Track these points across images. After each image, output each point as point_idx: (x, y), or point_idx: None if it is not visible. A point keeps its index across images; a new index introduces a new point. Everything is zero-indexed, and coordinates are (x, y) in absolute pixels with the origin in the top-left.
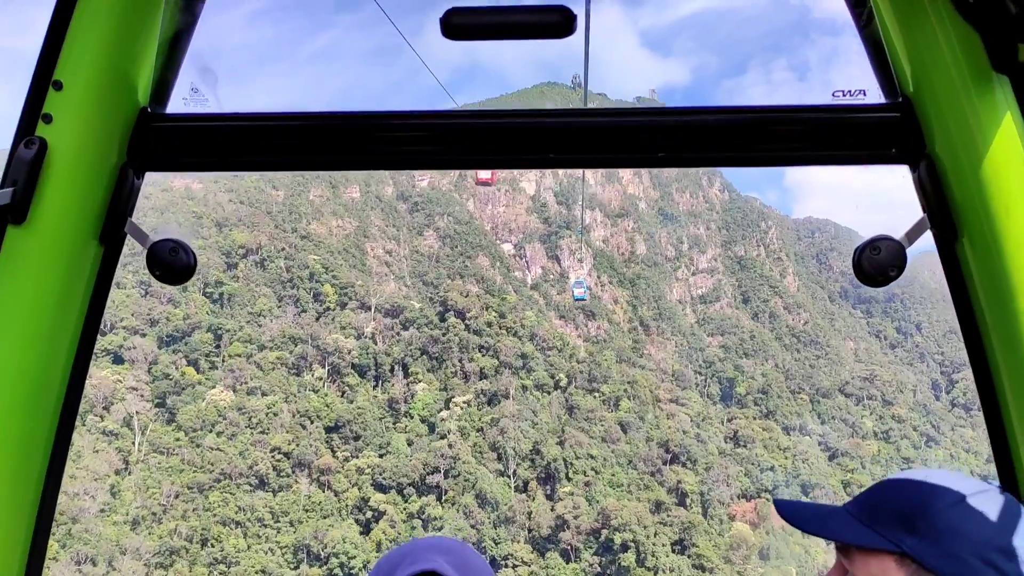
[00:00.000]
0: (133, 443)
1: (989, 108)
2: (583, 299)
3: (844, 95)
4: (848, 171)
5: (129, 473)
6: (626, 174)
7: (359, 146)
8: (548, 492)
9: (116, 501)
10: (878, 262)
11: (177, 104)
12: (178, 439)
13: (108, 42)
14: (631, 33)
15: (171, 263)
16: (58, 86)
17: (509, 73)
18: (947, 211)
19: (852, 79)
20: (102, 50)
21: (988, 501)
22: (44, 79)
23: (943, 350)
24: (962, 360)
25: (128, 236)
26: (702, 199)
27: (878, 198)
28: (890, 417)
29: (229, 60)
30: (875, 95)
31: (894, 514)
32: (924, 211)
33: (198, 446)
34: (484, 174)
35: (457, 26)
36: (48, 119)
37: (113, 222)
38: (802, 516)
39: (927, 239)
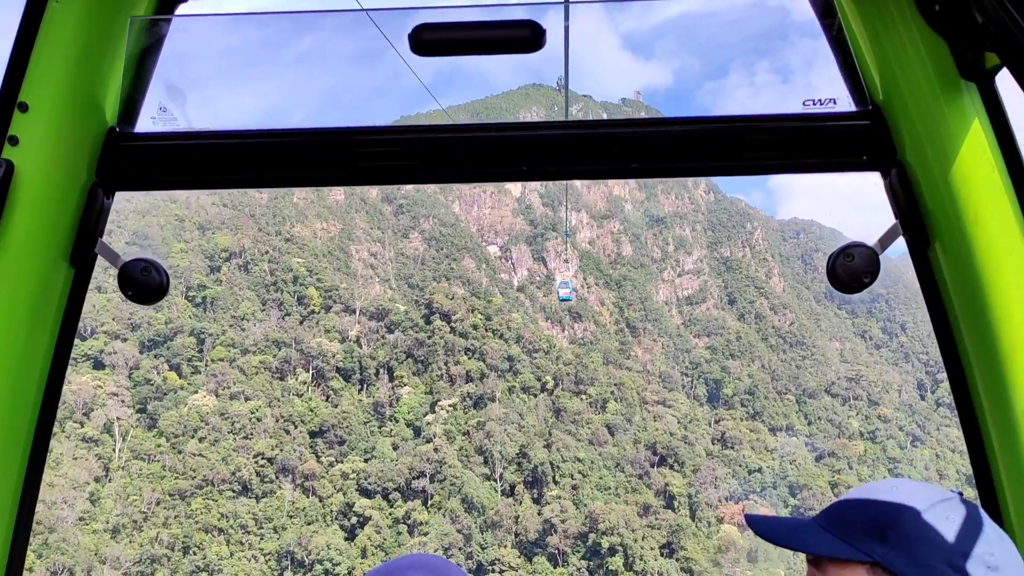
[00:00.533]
0: (114, 449)
1: (958, 115)
2: (569, 299)
3: (815, 104)
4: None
5: (109, 480)
6: None
7: (334, 162)
8: (535, 496)
9: (96, 509)
10: (852, 269)
11: (146, 123)
12: (159, 445)
13: (74, 62)
14: (614, 35)
15: (143, 283)
16: (24, 108)
17: (493, 75)
18: (919, 217)
19: (826, 84)
20: (68, 70)
21: (952, 510)
22: (9, 101)
23: (928, 350)
24: None
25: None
26: (687, 200)
27: (861, 200)
28: (876, 417)
29: (198, 79)
30: (845, 103)
31: (864, 525)
32: (896, 217)
33: (180, 452)
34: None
35: (425, 42)
36: (14, 141)
37: (83, 243)
38: (775, 531)
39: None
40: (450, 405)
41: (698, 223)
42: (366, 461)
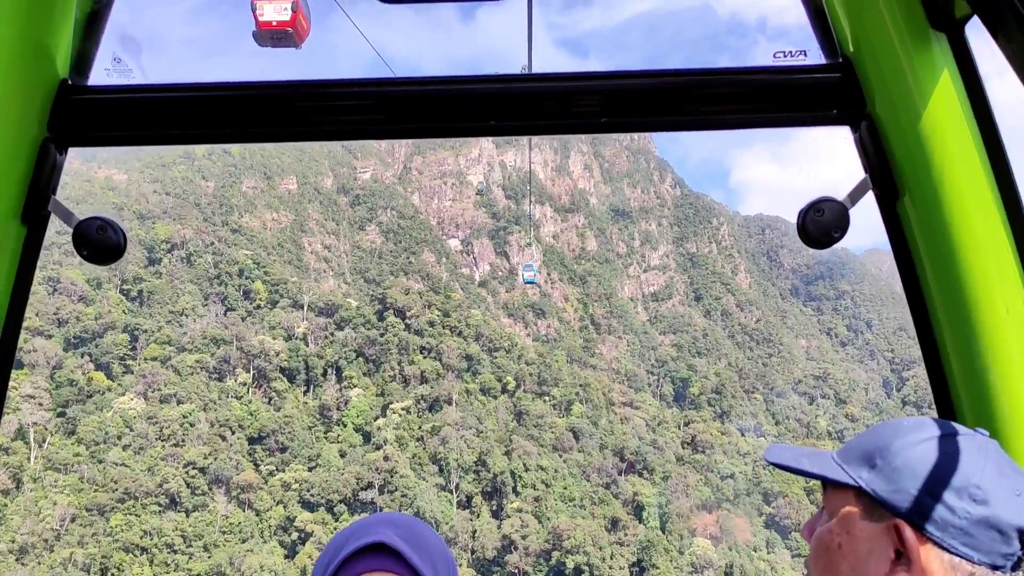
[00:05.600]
0: (28, 458)
1: (928, 66)
2: (533, 282)
3: (785, 56)
4: (792, 171)
5: (20, 493)
6: (576, 168)
7: (292, 116)
8: (494, 508)
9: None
10: (822, 223)
11: (100, 76)
12: (78, 454)
13: (23, 11)
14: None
15: (99, 241)
16: None
17: (455, 63)
18: (888, 171)
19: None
20: (16, 20)
21: (961, 444)
22: None
23: (893, 347)
24: (912, 357)
25: (52, 215)
26: (653, 194)
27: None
28: (843, 416)
29: (154, 29)
30: (816, 56)
31: (861, 452)
32: (866, 171)
33: (100, 462)
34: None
35: None
36: None
37: (35, 201)
38: (782, 455)
39: (871, 205)
40: (403, 408)
41: (664, 218)
42: (310, 470)
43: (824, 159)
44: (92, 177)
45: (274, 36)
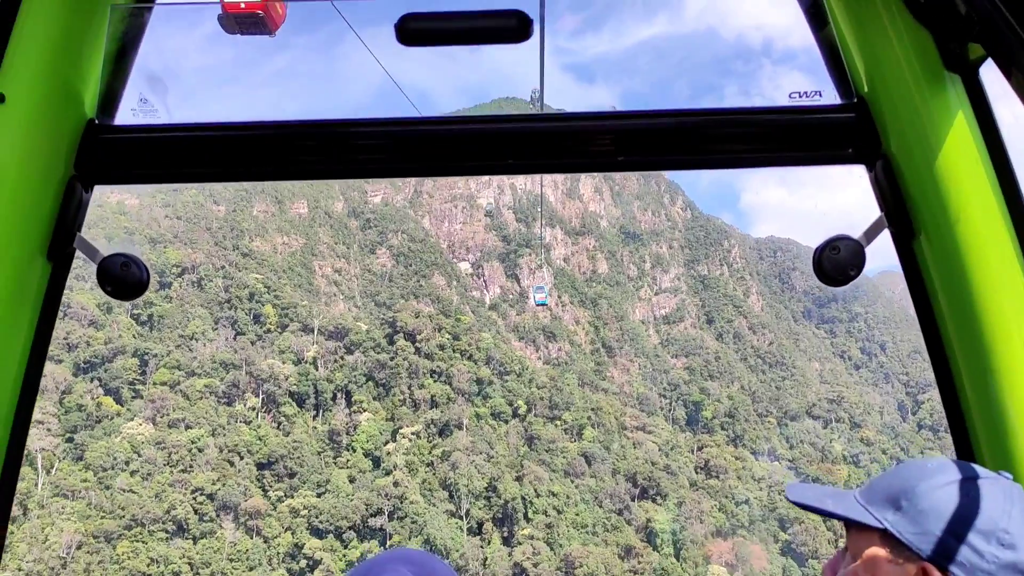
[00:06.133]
0: (36, 484)
1: (942, 107)
2: (544, 303)
3: (800, 96)
4: (804, 193)
5: (27, 520)
6: (587, 191)
7: (314, 155)
8: (505, 535)
9: (5, 555)
10: (838, 261)
11: (126, 115)
12: (85, 480)
13: (53, 52)
14: (589, 48)
15: (123, 278)
16: (1, 99)
17: (466, 87)
18: (904, 210)
19: (809, 82)
20: (46, 61)
21: (983, 487)
22: None
23: (908, 370)
24: (927, 380)
25: (77, 252)
26: (664, 217)
27: (833, 221)
28: (859, 440)
29: (180, 71)
30: (831, 96)
31: (886, 494)
32: (881, 210)
33: (107, 488)
34: None
35: (412, 31)
36: None
37: (61, 238)
38: (804, 494)
39: (887, 240)
40: (413, 433)
41: (675, 240)
42: (319, 496)
43: (834, 184)
44: (104, 202)
45: (242, 20)
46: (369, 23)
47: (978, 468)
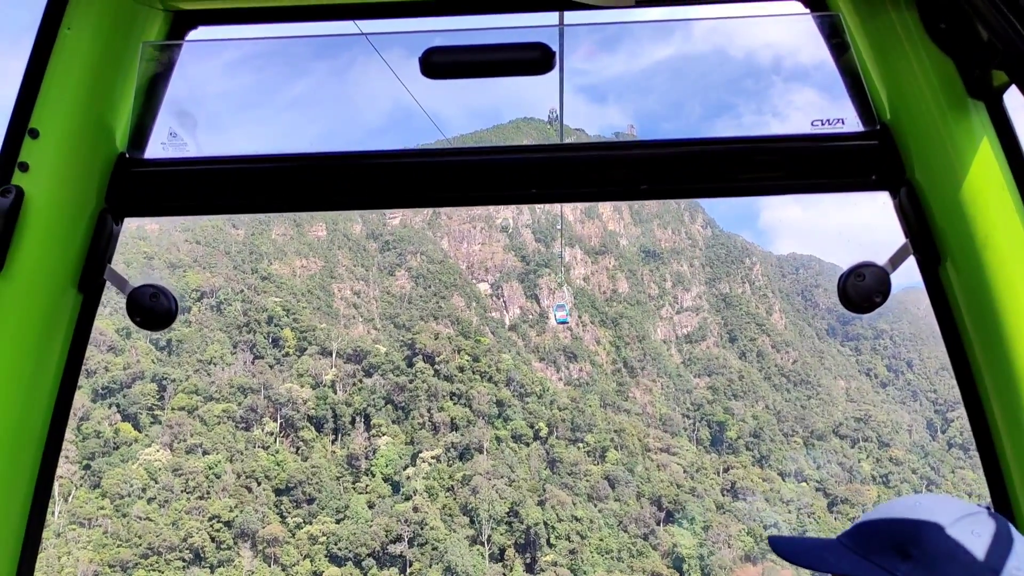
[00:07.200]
0: (52, 513)
1: (966, 133)
2: (565, 322)
3: (823, 124)
4: (824, 210)
5: (42, 549)
6: (606, 210)
7: (339, 186)
8: (528, 561)
9: None
10: (863, 288)
11: (156, 149)
12: (102, 507)
13: (84, 89)
14: (607, 69)
15: (152, 309)
16: (34, 134)
17: (484, 109)
18: (929, 236)
19: (831, 109)
20: (78, 97)
21: (979, 524)
22: (20, 127)
23: (936, 388)
24: (956, 398)
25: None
26: (684, 235)
27: (856, 237)
28: (888, 459)
29: (208, 105)
30: (853, 123)
31: (887, 542)
32: (906, 237)
33: (124, 516)
34: None
35: (436, 65)
36: (24, 167)
37: (92, 270)
38: (797, 552)
39: (912, 265)
40: (433, 457)
41: (696, 258)
42: (338, 522)
43: (856, 199)
44: (124, 228)
45: None
46: (383, 48)
47: (961, 503)
